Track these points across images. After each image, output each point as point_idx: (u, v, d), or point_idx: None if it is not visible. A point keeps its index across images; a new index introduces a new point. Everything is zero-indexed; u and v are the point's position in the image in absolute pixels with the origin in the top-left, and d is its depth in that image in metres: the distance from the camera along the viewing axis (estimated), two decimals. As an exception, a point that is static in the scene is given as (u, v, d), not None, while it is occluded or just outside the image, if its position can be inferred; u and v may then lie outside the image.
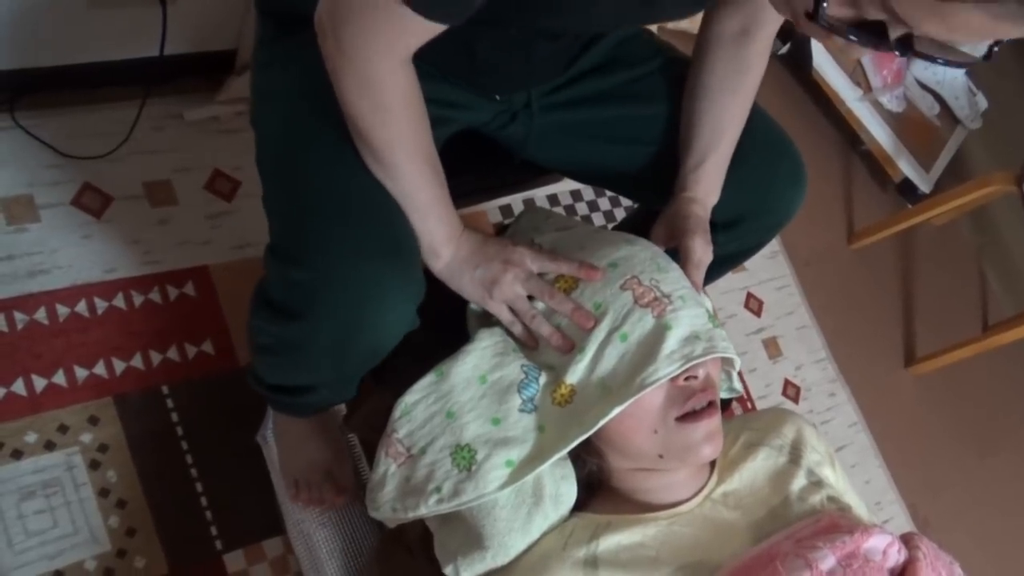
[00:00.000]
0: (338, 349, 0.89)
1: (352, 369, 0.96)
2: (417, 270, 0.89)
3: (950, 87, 2.48)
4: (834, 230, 2.30)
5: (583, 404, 0.87)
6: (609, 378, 0.86)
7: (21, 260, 1.29)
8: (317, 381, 1.01)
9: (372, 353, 0.92)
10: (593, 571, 0.82)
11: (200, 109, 1.49)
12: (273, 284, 0.91)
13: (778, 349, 2.02)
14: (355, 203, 0.85)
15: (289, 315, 0.88)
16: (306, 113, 0.90)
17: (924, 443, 2.19)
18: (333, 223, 0.84)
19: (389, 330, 0.88)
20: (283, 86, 0.93)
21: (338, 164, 0.86)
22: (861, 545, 0.80)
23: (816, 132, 2.37)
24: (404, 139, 0.85)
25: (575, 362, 0.87)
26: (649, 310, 0.87)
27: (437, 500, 0.87)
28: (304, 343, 0.90)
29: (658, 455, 0.87)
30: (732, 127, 1.01)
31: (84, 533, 1.20)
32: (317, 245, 0.84)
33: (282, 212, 0.90)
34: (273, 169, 0.92)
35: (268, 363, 1.02)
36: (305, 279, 0.84)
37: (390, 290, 0.85)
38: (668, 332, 0.86)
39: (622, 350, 0.86)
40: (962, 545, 2.08)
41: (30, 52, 1.32)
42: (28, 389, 1.23)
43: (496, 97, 1.02)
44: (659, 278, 0.89)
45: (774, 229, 1.11)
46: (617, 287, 0.88)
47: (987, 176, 2.07)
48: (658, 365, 0.84)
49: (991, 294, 2.58)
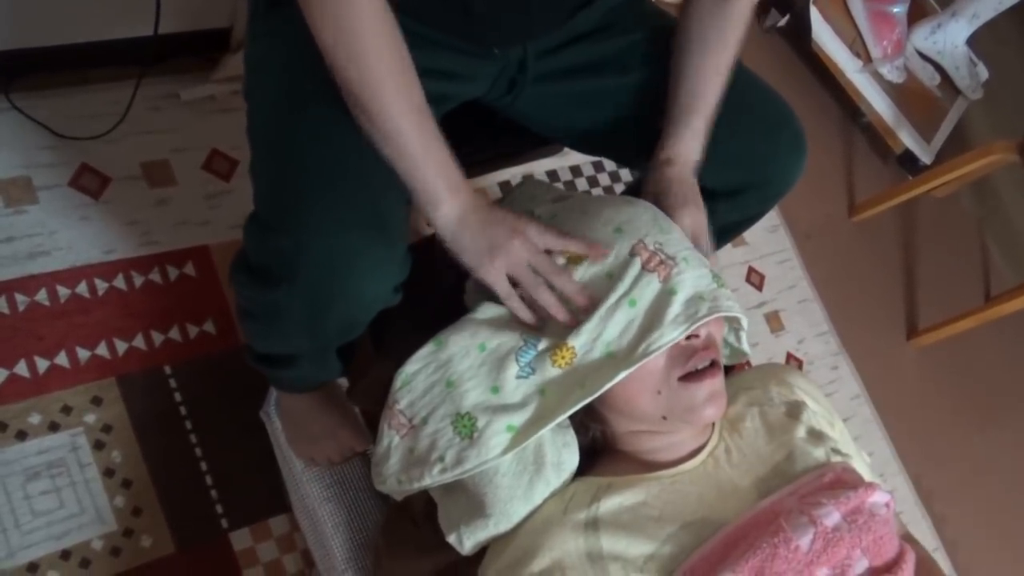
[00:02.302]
0: (312, 317, 0.88)
1: (327, 339, 0.96)
2: (400, 248, 0.88)
3: (951, 57, 2.46)
4: (835, 203, 2.30)
5: (585, 367, 0.87)
6: (614, 343, 0.86)
7: (21, 242, 1.29)
8: (294, 350, 1.00)
9: (347, 324, 0.91)
10: (594, 533, 0.82)
11: (196, 88, 1.48)
12: (252, 249, 0.90)
13: (780, 323, 2.02)
14: (341, 174, 0.85)
15: (265, 280, 0.88)
16: (297, 82, 0.89)
17: (927, 414, 2.19)
18: (317, 192, 0.84)
19: (364, 303, 0.87)
20: (274, 56, 0.93)
21: (327, 134, 0.86)
22: (865, 500, 0.80)
23: (816, 104, 2.36)
24: (386, 86, 0.83)
25: (582, 325, 0.86)
26: (656, 275, 0.87)
27: (441, 469, 0.87)
28: (279, 309, 0.90)
29: (661, 416, 0.87)
30: (711, 86, 1.00)
31: (90, 513, 1.20)
32: (298, 212, 0.83)
33: (267, 178, 0.90)
34: (262, 137, 0.92)
35: (249, 328, 1.02)
36: (283, 245, 0.84)
37: (368, 263, 0.84)
38: (673, 296, 0.86)
39: (631, 315, 0.86)
40: (965, 515, 2.09)
41: (24, 33, 1.32)
42: (31, 370, 1.23)
43: (495, 51, 1.01)
44: (663, 240, 0.89)
45: (775, 198, 1.11)
46: (626, 253, 0.88)
47: (989, 145, 2.06)
48: (663, 330, 0.84)
49: (993, 265, 2.58)
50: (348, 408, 1.20)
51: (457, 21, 0.91)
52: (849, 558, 0.78)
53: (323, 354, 1.01)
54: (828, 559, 0.77)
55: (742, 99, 1.05)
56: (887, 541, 0.81)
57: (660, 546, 0.81)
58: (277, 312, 0.91)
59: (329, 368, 1.06)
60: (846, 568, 0.78)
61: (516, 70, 1.04)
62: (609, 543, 0.82)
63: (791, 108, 1.08)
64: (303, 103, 0.88)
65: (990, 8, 2.34)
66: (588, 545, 0.82)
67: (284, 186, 0.86)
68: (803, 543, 0.77)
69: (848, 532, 0.78)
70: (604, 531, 0.82)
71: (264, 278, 0.88)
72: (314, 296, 0.86)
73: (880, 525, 0.79)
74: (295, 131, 0.88)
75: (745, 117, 1.03)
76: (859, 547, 0.79)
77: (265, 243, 0.87)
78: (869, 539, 0.79)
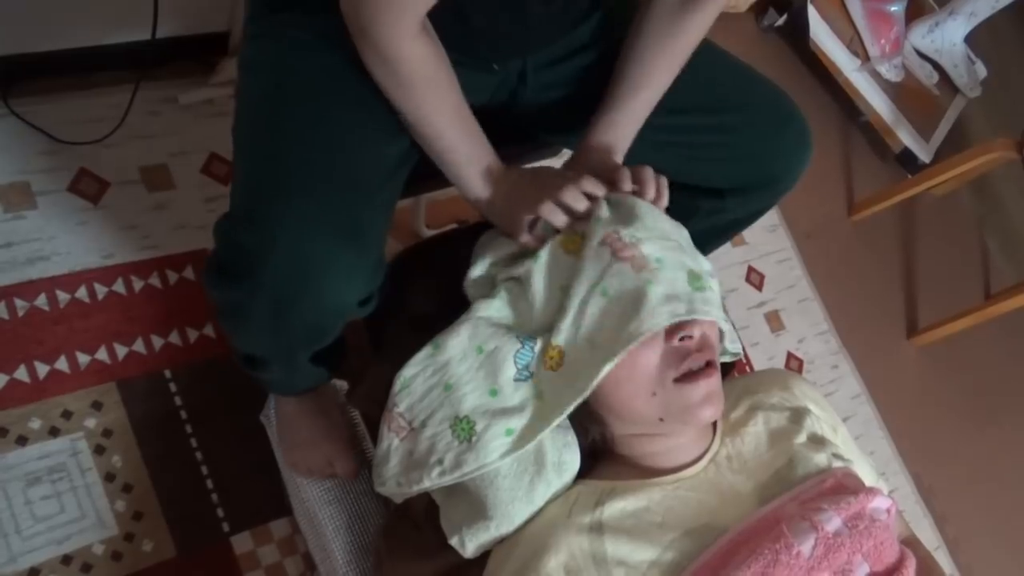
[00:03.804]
0: (275, 318, 0.88)
1: (292, 341, 0.95)
2: (371, 259, 0.88)
3: (949, 55, 2.46)
4: (834, 202, 2.30)
5: (574, 365, 0.87)
6: (595, 334, 0.86)
7: (20, 247, 1.29)
8: (263, 352, 1.00)
9: (311, 330, 0.91)
10: (599, 537, 0.82)
11: (194, 92, 1.48)
12: (220, 244, 0.90)
13: (780, 322, 2.02)
14: (319, 177, 0.85)
15: (231, 277, 0.88)
16: (286, 85, 0.89)
17: (928, 413, 2.19)
18: (290, 191, 0.84)
19: (327, 308, 0.87)
20: (266, 58, 0.93)
21: (311, 137, 0.86)
22: (867, 505, 0.80)
23: (815, 103, 2.36)
24: (432, 109, 0.88)
25: (561, 323, 0.86)
26: (627, 263, 0.86)
27: (440, 472, 0.87)
28: (242, 307, 0.90)
29: (659, 418, 0.87)
30: (654, 81, 1.00)
31: (91, 518, 1.20)
32: (269, 208, 0.83)
33: (244, 174, 0.90)
34: (246, 136, 0.92)
35: (223, 325, 1.02)
36: (250, 241, 0.84)
37: (334, 268, 0.84)
38: (648, 287, 0.85)
39: (603, 304, 0.86)
40: (967, 513, 2.09)
41: (22, 38, 1.32)
42: (31, 375, 1.23)
43: (494, 67, 1.01)
44: (641, 235, 0.88)
45: (782, 193, 1.12)
46: (598, 242, 0.88)
47: (988, 143, 2.06)
48: (642, 318, 0.83)
49: (992, 263, 2.58)
50: (339, 422, 1.19)
51: (456, 35, 0.92)
52: (850, 563, 0.78)
53: (291, 358, 1.00)
54: (829, 564, 0.77)
55: (746, 96, 1.06)
56: (888, 546, 0.81)
57: (663, 552, 0.81)
58: (241, 310, 0.91)
59: (303, 374, 1.05)
60: (847, 573, 0.78)
61: (516, 82, 1.04)
62: (613, 548, 0.82)
63: (795, 103, 1.09)
64: (290, 105, 0.88)
65: (987, 6, 2.34)
66: (593, 548, 0.82)
67: (259, 182, 0.86)
68: (805, 549, 0.77)
69: (849, 537, 0.78)
70: (608, 535, 0.83)
71: (231, 275, 0.88)
72: (277, 296, 0.85)
73: (881, 530, 0.79)
74: (278, 130, 0.88)
75: (750, 114, 1.04)
76: (860, 552, 0.79)
77: (233, 238, 0.87)
78: (870, 544, 0.79)
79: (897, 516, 0.92)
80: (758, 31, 2.32)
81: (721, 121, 1.05)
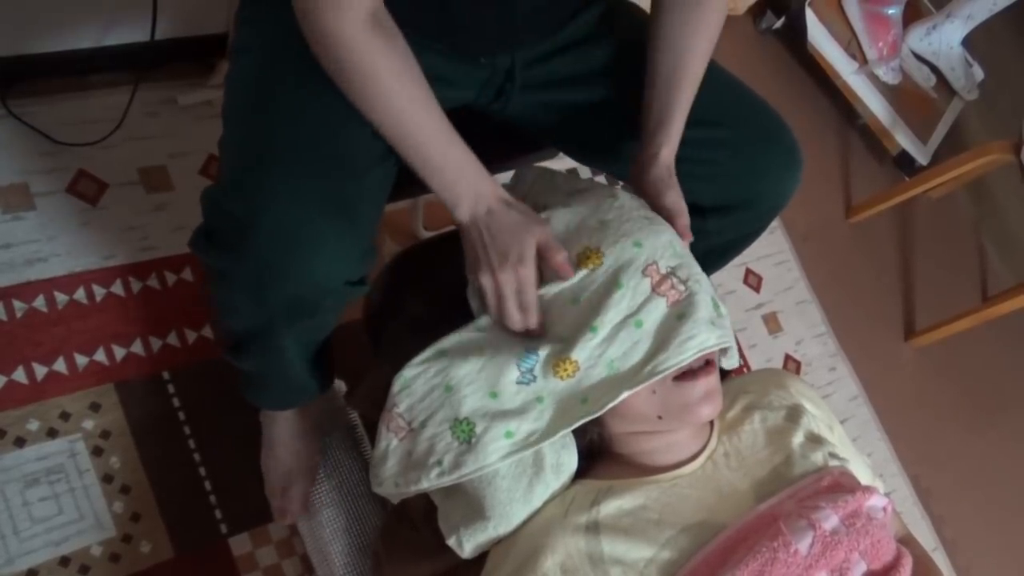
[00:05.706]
0: (259, 289, 0.87)
1: (272, 316, 0.92)
2: (360, 240, 0.87)
3: (946, 58, 2.47)
4: (832, 204, 2.30)
5: (588, 381, 0.87)
6: (619, 361, 0.87)
7: (18, 248, 1.29)
8: (244, 326, 0.97)
9: (294, 305, 0.89)
10: (595, 536, 0.83)
11: (193, 93, 1.48)
12: (208, 211, 0.90)
13: (778, 324, 2.03)
14: (310, 151, 0.85)
15: (220, 244, 0.88)
16: (278, 64, 0.89)
17: (925, 414, 2.19)
18: (281, 162, 0.84)
19: (310, 283, 0.86)
20: (256, 41, 0.93)
21: (302, 115, 0.86)
22: (863, 504, 0.80)
23: (812, 106, 2.37)
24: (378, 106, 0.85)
25: (584, 339, 0.86)
26: (664, 299, 0.87)
27: (438, 473, 0.87)
28: (229, 274, 0.90)
29: (657, 416, 0.88)
30: (689, 77, 0.98)
31: (89, 519, 1.20)
32: (258, 177, 0.83)
33: (235, 151, 0.90)
34: (235, 112, 0.92)
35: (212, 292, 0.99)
36: (237, 209, 0.84)
37: (319, 242, 0.83)
38: (681, 321, 0.86)
39: (636, 336, 0.87)
40: (964, 515, 2.09)
41: (21, 39, 1.32)
42: (29, 377, 1.23)
43: (481, 60, 1.00)
44: (674, 264, 0.89)
45: (768, 214, 1.09)
46: (639, 272, 0.88)
47: (985, 145, 2.07)
48: (669, 354, 0.85)
49: (989, 265, 2.58)
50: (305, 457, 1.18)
51: (443, 28, 0.91)
52: (847, 561, 0.79)
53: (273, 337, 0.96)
54: (827, 562, 0.78)
55: (732, 112, 1.03)
56: (885, 544, 0.82)
57: (660, 550, 0.81)
58: (226, 277, 0.91)
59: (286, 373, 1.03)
60: (844, 571, 0.78)
61: (504, 78, 1.03)
62: (610, 546, 0.82)
63: (784, 121, 1.05)
64: (282, 82, 0.88)
65: (985, 9, 2.35)
66: (589, 548, 0.82)
67: (248, 152, 0.86)
68: (802, 547, 0.78)
69: (846, 535, 0.79)
70: (605, 534, 0.83)
71: (218, 243, 0.88)
72: (262, 264, 0.84)
73: (878, 529, 0.80)
74: (270, 105, 0.88)
75: (736, 131, 1.02)
76: (857, 550, 0.79)
77: (221, 206, 0.87)
78: (867, 542, 0.80)
79: (893, 515, 0.92)
80: (756, 34, 2.33)
81: (706, 135, 1.01)
